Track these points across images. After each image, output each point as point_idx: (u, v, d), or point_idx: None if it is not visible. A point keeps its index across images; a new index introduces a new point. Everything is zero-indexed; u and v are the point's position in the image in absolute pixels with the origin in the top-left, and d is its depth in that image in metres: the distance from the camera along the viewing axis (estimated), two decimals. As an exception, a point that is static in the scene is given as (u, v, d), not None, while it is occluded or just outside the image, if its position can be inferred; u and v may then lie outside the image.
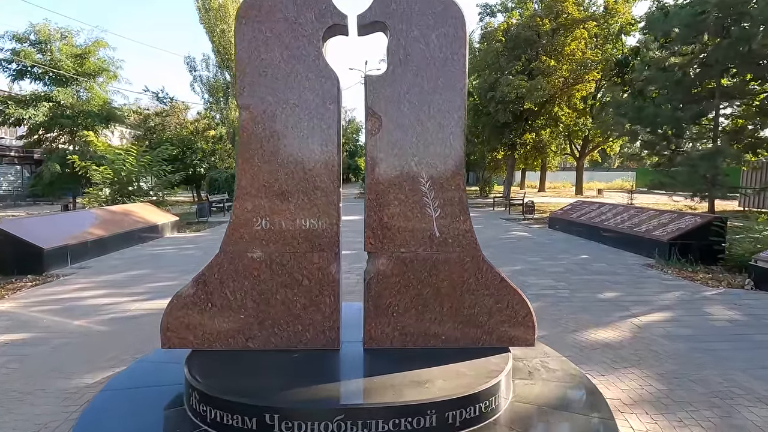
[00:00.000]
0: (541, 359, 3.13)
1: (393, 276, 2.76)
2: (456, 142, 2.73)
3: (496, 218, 15.66)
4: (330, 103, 2.67)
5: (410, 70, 2.68)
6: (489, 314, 2.80)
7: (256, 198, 2.69)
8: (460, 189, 2.75)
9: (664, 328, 4.32)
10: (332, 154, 2.70)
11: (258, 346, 2.76)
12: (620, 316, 4.72)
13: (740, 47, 9.21)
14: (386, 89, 2.68)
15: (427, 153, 2.72)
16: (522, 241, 10.18)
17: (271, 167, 2.68)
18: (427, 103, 2.70)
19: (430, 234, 2.75)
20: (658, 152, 11.10)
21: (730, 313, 4.79)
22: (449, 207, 2.75)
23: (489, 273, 2.79)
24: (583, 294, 5.58)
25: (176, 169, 15.29)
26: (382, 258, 2.76)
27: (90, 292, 5.75)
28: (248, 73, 2.65)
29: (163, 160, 14.32)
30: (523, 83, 19.18)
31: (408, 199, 2.73)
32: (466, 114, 2.72)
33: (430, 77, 2.69)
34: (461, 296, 2.79)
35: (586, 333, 4.20)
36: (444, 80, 2.69)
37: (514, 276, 6.53)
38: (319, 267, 2.73)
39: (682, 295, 5.52)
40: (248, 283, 2.72)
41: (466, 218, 2.77)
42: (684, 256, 7.22)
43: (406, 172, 2.72)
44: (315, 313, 2.75)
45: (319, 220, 2.71)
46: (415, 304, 2.78)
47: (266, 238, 2.71)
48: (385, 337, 2.79)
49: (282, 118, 2.67)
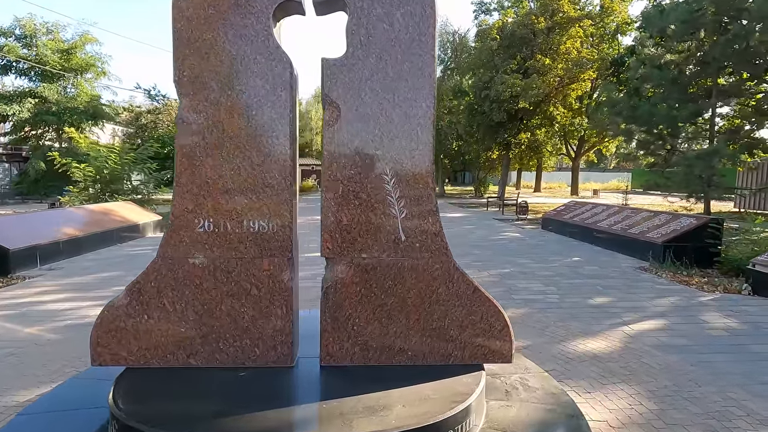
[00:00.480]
0: (520, 375, 2.84)
1: (353, 284, 2.46)
2: (424, 134, 2.43)
3: (489, 218, 15.39)
4: (281, 89, 2.36)
5: (372, 53, 2.38)
6: (461, 327, 2.50)
7: (198, 197, 2.39)
8: (428, 187, 2.45)
9: (657, 338, 4.04)
10: (284, 147, 2.39)
11: (201, 363, 2.45)
12: (611, 324, 4.44)
13: (737, 44, 8.97)
14: (345, 74, 2.38)
15: (392, 147, 2.42)
16: (514, 242, 9.91)
17: (215, 162, 2.38)
18: (391, 91, 2.40)
19: (394, 237, 2.45)
20: (653, 152, 10.85)
21: (726, 321, 4.52)
22: (416, 207, 2.45)
23: (461, 281, 2.50)
24: (573, 299, 5.30)
25: (161, 167, 14.92)
26: (341, 264, 2.46)
27: (52, 296, 5.42)
28: (188, 55, 2.34)
29: (149, 157, 13.96)
30: (518, 82, 18.92)
31: (370, 198, 2.43)
32: (436, 103, 2.43)
33: (395, 61, 2.39)
34: (430, 307, 2.49)
35: (574, 343, 3.92)
36: (411, 65, 2.39)
37: (503, 280, 6.25)
38: (269, 274, 2.43)
39: (676, 300, 5.25)
40: (189, 292, 2.41)
41: (435, 220, 2.47)
42: (679, 258, 6.96)
43: (367, 167, 2.42)
44: (265, 326, 2.45)
45: (269, 221, 2.41)
46: (378, 316, 2.48)
47: (209, 241, 2.40)
48: (344, 353, 2.49)
49: (226, 106, 2.36)
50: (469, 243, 9.65)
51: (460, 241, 9.87)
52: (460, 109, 25.15)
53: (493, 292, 5.62)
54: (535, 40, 20.81)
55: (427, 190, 2.45)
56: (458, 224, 13.70)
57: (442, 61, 30.29)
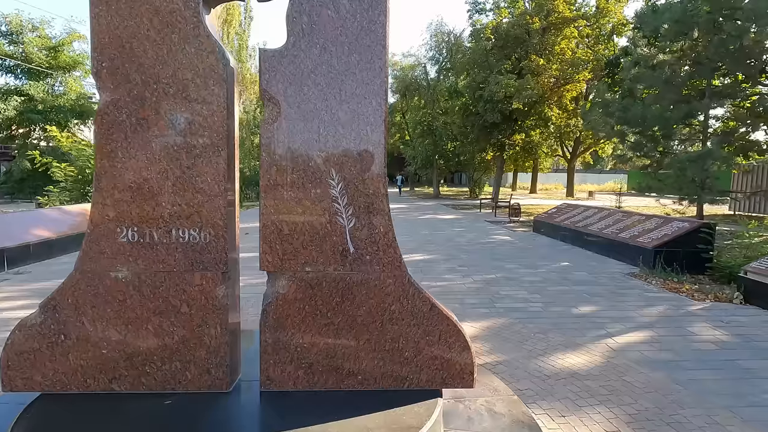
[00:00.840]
0: (487, 399, 2.59)
1: (296, 301, 2.21)
2: (375, 134, 2.18)
3: (480, 221, 15.16)
4: (214, 83, 2.11)
5: (316, 43, 2.13)
6: (416, 349, 2.26)
7: (120, 203, 2.13)
8: (380, 193, 2.20)
9: (642, 352, 3.81)
10: (218, 148, 2.14)
11: (125, 389, 2.19)
12: (595, 335, 4.20)
13: (732, 44, 8.76)
14: (285, 67, 2.13)
15: (338, 148, 2.17)
16: (503, 246, 9.68)
17: (139, 164, 2.12)
18: (337, 86, 2.15)
19: (342, 249, 2.20)
20: (646, 154, 10.64)
21: (716, 333, 4.28)
22: (366, 215, 2.20)
23: (416, 298, 2.25)
24: (558, 308, 5.05)
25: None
26: (283, 279, 2.21)
27: (9, 303, 5.14)
28: (107, 45, 2.08)
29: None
30: (512, 82, 18.72)
31: (314, 205, 2.18)
32: (387, 99, 2.18)
33: (342, 52, 2.14)
34: (382, 327, 2.24)
35: (553, 357, 3.67)
36: (359, 57, 2.14)
37: (487, 286, 6.01)
38: (201, 290, 2.18)
39: (665, 310, 5.01)
40: (111, 309, 2.16)
41: (387, 229, 2.22)
42: (670, 264, 6.73)
43: (311, 171, 2.17)
44: (197, 347, 2.20)
45: (201, 231, 2.16)
46: (324, 336, 2.23)
47: (133, 253, 2.15)
48: (286, 376, 2.23)
49: (152, 102, 2.11)
50: (456, 246, 9.41)
51: (448, 245, 9.63)
52: (455, 110, 24.95)
53: (476, 300, 5.39)
54: (530, 41, 20.63)
55: (378, 196, 2.20)
56: (448, 226, 13.46)
57: (437, 61, 30.13)
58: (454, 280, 6.39)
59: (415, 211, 19.62)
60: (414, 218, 16.14)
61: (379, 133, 2.17)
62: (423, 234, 11.56)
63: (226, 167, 2.15)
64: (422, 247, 9.26)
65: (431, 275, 6.67)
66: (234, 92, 2.24)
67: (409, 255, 8.40)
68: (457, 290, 5.82)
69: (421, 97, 30.95)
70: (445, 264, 7.52)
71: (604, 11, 23.86)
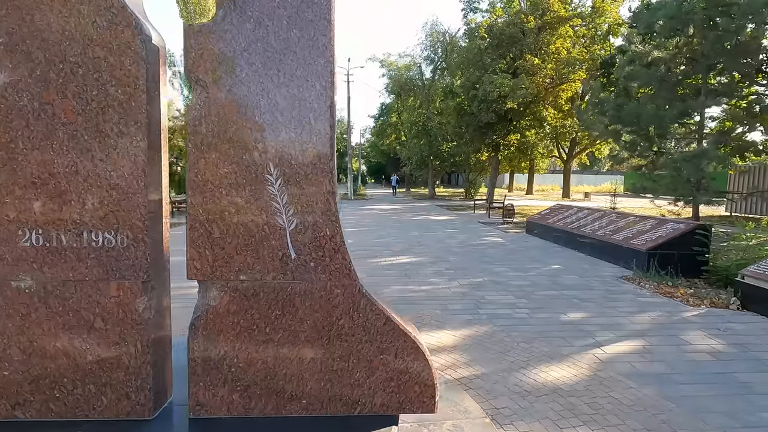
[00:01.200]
0: (454, 423, 2.31)
1: (229, 315, 1.92)
2: (319, 123, 1.90)
3: (474, 222, 14.90)
4: (131, 63, 1.83)
5: (249, 16, 1.85)
6: (369, 369, 1.97)
7: (22, 200, 1.84)
8: (326, 191, 1.92)
9: (632, 364, 3.53)
10: (136, 138, 1.85)
11: (31, 416, 1.90)
12: (582, 345, 3.92)
13: (728, 41, 8.54)
14: (214, 44, 1.84)
15: (277, 138, 1.89)
16: (494, 247, 9.40)
17: (44, 156, 1.83)
18: (275, 66, 1.87)
19: (282, 254, 1.92)
20: (641, 153, 10.40)
21: (711, 342, 4.01)
22: (310, 216, 1.92)
23: (369, 310, 1.96)
24: (545, 315, 4.78)
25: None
26: (214, 289, 1.92)
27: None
28: (4, 17, 1.80)
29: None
30: (506, 82, 18.47)
31: (249, 204, 1.89)
32: (334, 82, 1.90)
33: (280, 28, 1.86)
34: (329, 343, 1.96)
35: (536, 371, 3.39)
36: (300, 33, 1.86)
37: (472, 290, 5.73)
38: (118, 302, 1.89)
39: (658, 316, 4.74)
40: (13, 324, 1.87)
41: (335, 232, 1.94)
42: (664, 267, 6.47)
43: (245, 165, 1.88)
44: (114, 368, 1.91)
45: (117, 233, 1.87)
46: (262, 354, 1.94)
47: (38, 259, 1.86)
48: (219, 401, 1.95)
49: (57, 83, 1.82)
50: (446, 248, 9.13)
51: (437, 247, 9.35)
52: (450, 110, 24.71)
53: (459, 306, 5.10)
54: (525, 40, 20.41)
55: (323, 194, 1.92)
56: (440, 228, 13.19)
57: (432, 61, 29.88)
58: (439, 284, 6.11)
59: (408, 212, 19.35)
60: (406, 219, 15.87)
61: (323, 122, 1.89)
62: (413, 235, 11.28)
63: (146, 160, 1.86)
64: (410, 249, 8.98)
65: (416, 279, 6.39)
66: (160, 73, 1.95)
67: (396, 257, 8.12)
68: (442, 295, 5.54)
69: (416, 98, 30.71)
70: (432, 267, 7.24)
71: (600, 11, 23.69)
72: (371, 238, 10.66)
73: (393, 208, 21.45)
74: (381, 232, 11.90)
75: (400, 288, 5.86)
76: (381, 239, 10.55)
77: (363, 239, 10.49)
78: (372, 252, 8.60)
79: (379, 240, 10.35)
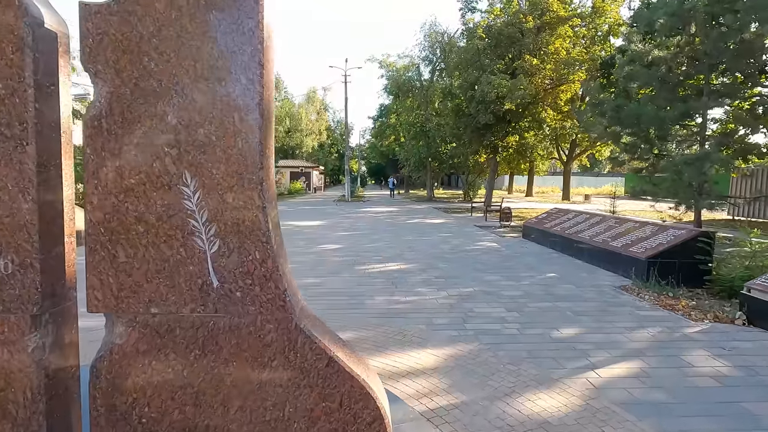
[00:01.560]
0: (418, 474, 1.98)
1: (140, 355, 1.60)
2: (246, 123, 1.57)
3: (470, 225, 14.57)
4: (13, 51, 1.50)
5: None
6: (309, 420, 1.64)
7: None
8: (255, 206, 1.59)
9: (628, 391, 3.20)
10: (21, 141, 1.53)
11: None
12: (575, 367, 3.59)
13: (732, 38, 8.20)
14: (116, 28, 1.52)
15: (194, 142, 1.56)
16: (488, 253, 9.07)
17: None
18: (191, 56, 1.54)
19: (202, 283, 1.59)
20: (641, 156, 10.07)
21: (716, 364, 3.68)
22: (236, 237, 1.59)
23: (308, 350, 1.64)
24: (536, 330, 4.44)
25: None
26: (120, 325, 1.59)
27: None
28: None
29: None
30: (504, 82, 18.15)
31: (161, 222, 1.57)
32: (267, 76, 1.57)
33: (196, 9, 1.53)
34: (260, 390, 1.63)
35: (522, 399, 3.06)
36: (221, 14, 1.54)
37: (461, 302, 5.40)
38: (2, 340, 1.56)
39: (658, 333, 4.40)
40: None
41: (266, 255, 1.61)
42: (664, 277, 6.14)
43: (156, 175, 1.56)
44: (1, 420, 1.58)
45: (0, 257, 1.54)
46: (179, 402, 1.62)
47: None
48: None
49: (-77, 75, 1.50)
50: (438, 254, 8.80)
51: (429, 252, 9.02)
52: (448, 111, 24.38)
53: (445, 320, 4.76)
54: (524, 40, 20.08)
55: (252, 210, 1.59)
56: (435, 231, 12.86)
57: (431, 62, 29.57)
58: (427, 294, 5.78)
59: (403, 215, 19.02)
60: (401, 222, 15.54)
61: (252, 122, 1.56)
62: (406, 240, 10.95)
63: (34, 168, 1.53)
64: (401, 255, 8.65)
65: (403, 288, 6.06)
66: (59, 65, 1.63)
67: (385, 264, 7.79)
68: (428, 307, 5.21)
69: (415, 99, 30.41)
70: (421, 275, 6.91)
71: (600, 11, 23.38)
72: (363, 243, 10.33)
73: (389, 211, 21.13)
74: (374, 236, 11.58)
75: (385, 299, 5.53)
76: (373, 244, 10.23)
77: (354, 244, 10.17)
78: (361, 258, 8.28)
79: (371, 245, 10.02)
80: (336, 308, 5.12)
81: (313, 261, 7.99)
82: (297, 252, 8.92)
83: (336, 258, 8.33)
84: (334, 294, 5.75)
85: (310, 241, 10.53)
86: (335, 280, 6.53)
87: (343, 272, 7.06)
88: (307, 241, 10.53)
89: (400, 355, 3.77)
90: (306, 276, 6.75)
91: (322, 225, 14.40)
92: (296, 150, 51.99)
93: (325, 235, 11.87)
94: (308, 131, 53.57)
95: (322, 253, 8.85)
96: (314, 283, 6.30)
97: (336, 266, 7.52)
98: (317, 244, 10.06)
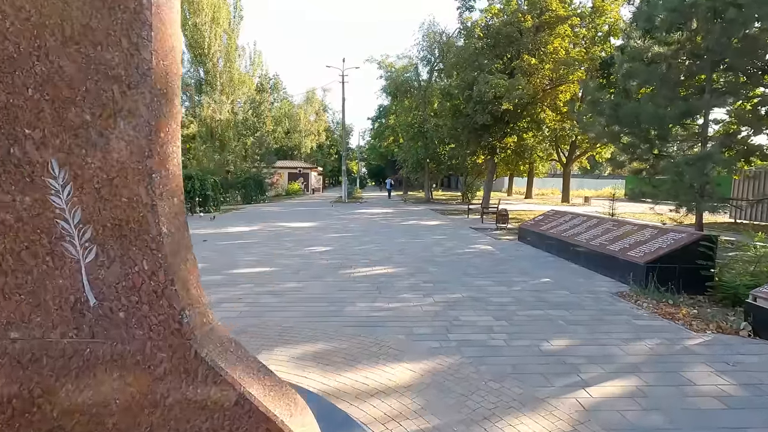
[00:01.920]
0: None
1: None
2: (130, 100, 1.24)
3: (465, 227, 14.23)
4: None
5: (15, -65, 1.20)
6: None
7: None
8: (141, 203, 1.26)
9: (622, 413, 2.86)
10: None
11: None
12: (564, 385, 3.25)
13: (735, 33, 7.88)
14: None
15: (63, 124, 1.24)
16: (481, 257, 8.73)
17: None
18: (56, 13, 1.22)
19: (75, 300, 1.27)
20: (640, 156, 9.74)
21: (719, 382, 3.33)
22: (119, 243, 1.26)
23: (211, 384, 1.30)
24: (524, 342, 4.11)
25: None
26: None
27: None
28: None
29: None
30: (501, 82, 17.84)
31: (22, 224, 1.24)
32: (160, 37, 1.25)
33: (63, -47, 1.21)
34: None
35: (502, 423, 2.72)
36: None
37: (446, 309, 5.06)
38: None
39: (657, 345, 4.06)
40: None
41: (157, 267, 1.28)
42: (664, 283, 5.80)
43: (14, 164, 1.23)
44: None
45: None
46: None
47: None
48: None
49: None
50: (428, 258, 8.46)
51: (420, 256, 8.69)
52: (446, 112, 24.07)
53: (427, 330, 4.39)
54: (522, 39, 19.78)
55: (138, 208, 1.26)
56: (429, 234, 12.53)
57: (429, 62, 29.26)
58: (411, 300, 5.44)
59: (399, 216, 18.69)
60: (395, 224, 15.21)
61: (136, 97, 1.24)
62: (397, 242, 10.62)
63: None
64: (390, 259, 8.31)
65: (387, 294, 5.73)
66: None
67: (372, 267, 7.46)
68: (411, 315, 4.87)
69: (413, 99, 30.12)
70: (409, 279, 6.58)
71: (600, 10, 23.10)
72: (353, 245, 10.00)
73: (385, 212, 20.81)
74: (365, 239, 11.25)
75: (366, 305, 5.20)
76: (363, 246, 9.90)
77: (344, 246, 9.84)
78: (348, 261, 7.94)
79: (361, 247, 9.69)
80: (312, 316, 4.79)
81: (298, 264, 7.67)
82: (282, 254, 8.60)
83: (322, 261, 8.00)
84: (312, 300, 5.42)
85: (298, 243, 10.20)
86: (317, 284, 6.20)
87: (327, 276, 6.73)
88: (295, 243, 10.21)
89: (372, 370, 3.44)
90: (287, 280, 6.43)
91: (313, 226, 14.08)
92: (295, 151, 51.75)
93: (316, 236, 11.55)
94: (307, 132, 53.34)
95: (308, 256, 8.53)
96: (294, 288, 5.97)
97: (320, 270, 7.20)
98: (305, 246, 9.74)
